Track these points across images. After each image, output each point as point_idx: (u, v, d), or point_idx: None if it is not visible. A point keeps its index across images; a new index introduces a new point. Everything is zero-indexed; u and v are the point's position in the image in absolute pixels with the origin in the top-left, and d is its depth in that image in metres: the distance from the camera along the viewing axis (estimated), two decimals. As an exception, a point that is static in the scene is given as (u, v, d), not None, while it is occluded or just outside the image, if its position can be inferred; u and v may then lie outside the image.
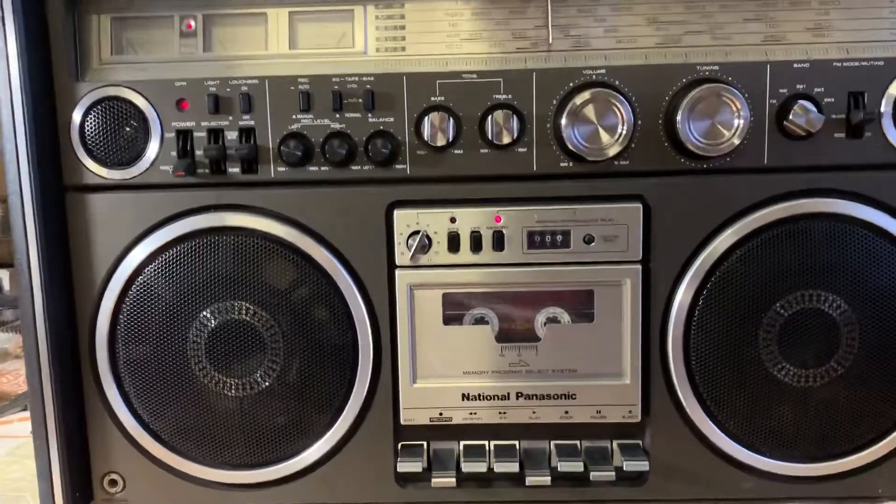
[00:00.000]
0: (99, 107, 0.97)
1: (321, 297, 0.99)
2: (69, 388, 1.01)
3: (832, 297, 0.96)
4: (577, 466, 0.99)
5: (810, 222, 0.96)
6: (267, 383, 0.99)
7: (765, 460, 1.01)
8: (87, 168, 0.98)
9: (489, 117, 0.94)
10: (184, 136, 0.97)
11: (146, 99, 0.96)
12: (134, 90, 0.96)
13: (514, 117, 0.94)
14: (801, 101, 0.93)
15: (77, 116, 0.97)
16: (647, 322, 0.99)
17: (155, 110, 0.97)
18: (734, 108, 0.92)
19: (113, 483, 1.04)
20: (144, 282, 0.99)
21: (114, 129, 0.97)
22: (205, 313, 0.98)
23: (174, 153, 0.97)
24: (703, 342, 0.98)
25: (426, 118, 0.95)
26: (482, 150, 0.96)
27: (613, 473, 0.99)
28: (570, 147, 0.93)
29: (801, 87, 0.94)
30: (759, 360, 0.97)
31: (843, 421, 0.99)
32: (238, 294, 0.98)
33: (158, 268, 0.98)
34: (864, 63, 0.94)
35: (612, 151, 0.93)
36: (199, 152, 0.97)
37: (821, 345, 0.97)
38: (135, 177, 0.98)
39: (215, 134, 0.97)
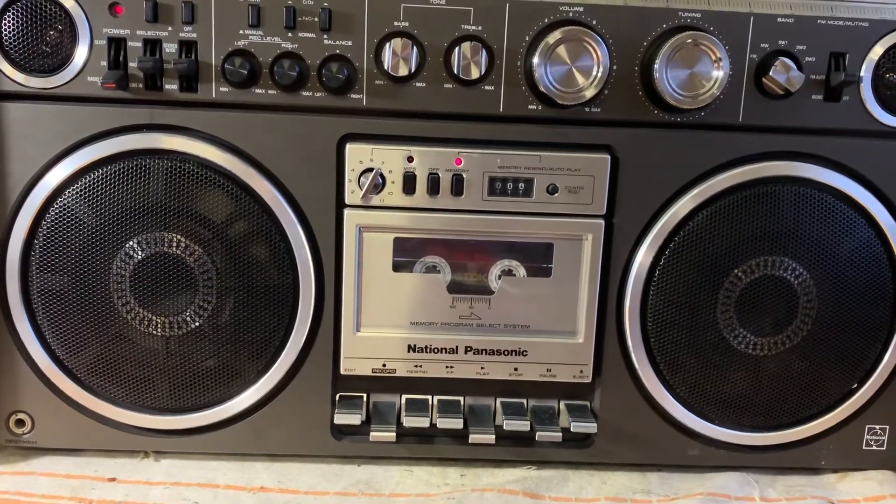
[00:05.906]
0: (18, 4, 0.86)
1: (261, 233, 0.91)
2: (-27, 317, 0.92)
3: (794, 264, 0.93)
4: (523, 425, 0.95)
5: (779, 186, 0.93)
6: (197, 323, 0.92)
7: (713, 427, 0.99)
8: (3, 73, 0.87)
9: (456, 49, 0.87)
10: (116, 44, 0.87)
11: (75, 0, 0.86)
12: (60, -12, 0.86)
13: (483, 51, 0.88)
14: (782, 58, 0.89)
15: (-8, 13, 0.86)
16: (606, 280, 0.95)
17: (85, 13, 0.87)
18: (714, 59, 0.87)
19: (20, 423, 0.96)
20: (64, 205, 0.89)
21: (35, 30, 0.87)
22: (131, 244, 0.90)
23: (104, 63, 0.88)
24: (661, 304, 0.94)
25: (388, 44, 0.87)
26: (446, 85, 0.89)
27: (560, 434, 0.95)
28: (541, 88, 0.87)
29: (784, 43, 0.90)
30: (716, 325, 0.95)
31: (793, 391, 0.98)
32: (169, 225, 0.90)
33: (81, 190, 0.89)
34: (848, 23, 0.90)
35: (588, 94, 0.87)
36: (132, 64, 0.88)
37: (778, 313, 0.95)
38: (58, 86, 0.88)
39: (152, 45, 0.88)
